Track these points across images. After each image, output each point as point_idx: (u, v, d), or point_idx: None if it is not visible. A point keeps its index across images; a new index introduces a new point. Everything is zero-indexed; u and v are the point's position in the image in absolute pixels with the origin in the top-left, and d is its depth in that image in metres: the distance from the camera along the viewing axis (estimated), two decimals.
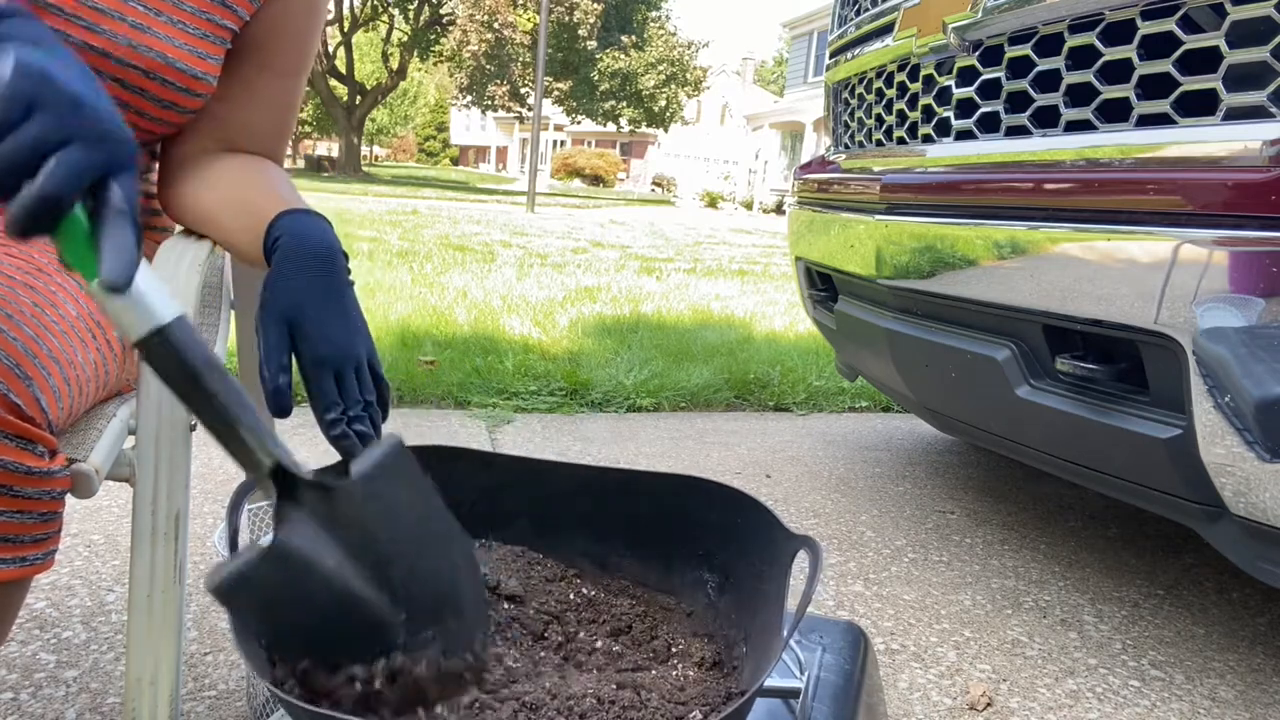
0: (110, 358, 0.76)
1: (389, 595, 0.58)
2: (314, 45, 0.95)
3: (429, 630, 0.59)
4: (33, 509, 0.60)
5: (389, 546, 0.59)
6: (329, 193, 13.02)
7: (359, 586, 0.56)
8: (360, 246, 6.04)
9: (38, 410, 0.60)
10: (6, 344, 0.59)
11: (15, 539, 0.59)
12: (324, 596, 0.55)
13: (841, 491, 2.09)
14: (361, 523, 0.57)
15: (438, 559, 0.63)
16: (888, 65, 1.65)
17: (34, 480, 0.59)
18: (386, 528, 0.59)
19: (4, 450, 0.57)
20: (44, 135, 0.45)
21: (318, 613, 0.55)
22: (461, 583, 0.64)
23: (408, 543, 0.60)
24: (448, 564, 0.64)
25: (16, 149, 0.45)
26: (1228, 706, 1.26)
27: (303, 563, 0.54)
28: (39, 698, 1.06)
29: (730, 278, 6.21)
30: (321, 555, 0.55)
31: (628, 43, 25.68)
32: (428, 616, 0.59)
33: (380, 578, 0.57)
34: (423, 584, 0.60)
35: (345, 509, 0.57)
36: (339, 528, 0.57)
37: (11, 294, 0.65)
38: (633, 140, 40.12)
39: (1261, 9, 0.96)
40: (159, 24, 0.78)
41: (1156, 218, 1.04)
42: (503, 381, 2.73)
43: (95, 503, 1.65)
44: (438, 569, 0.63)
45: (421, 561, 0.61)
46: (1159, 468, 1.13)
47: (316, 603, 0.55)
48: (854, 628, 0.93)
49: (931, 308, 1.48)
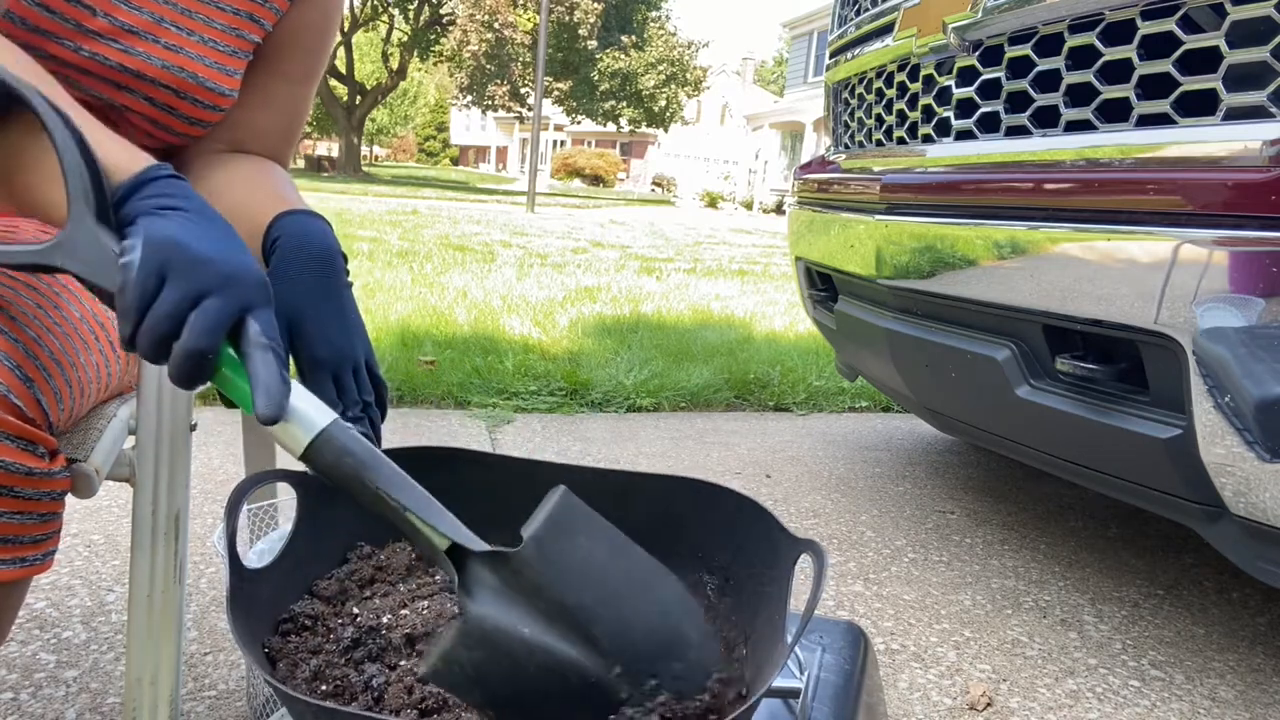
0: (113, 359, 0.76)
1: (597, 651, 0.56)
2: (327, 53, 0.96)
3: (652, 679, 0.57)
4: (32, 510, 0.60)
5: (583, 601, 0.57)
6: (329, 193, 13.02)
7: (562, 649, 0.55)
8: (360, 246, 6.05)
9: (38, 412, 0.60)
10: (8, 345, 0.59)
11: (15, 540, 0.59)
12: (530, 665, 0.54)
13: (841, 491, 2.09)
14: (548, 584, 0.56)
15: (641, 600, 0.61)
16: (888, 65, 1.65)
17: (34, 481, 0.59)
18: (574, 583, 0.57)
19: (4, 451, 0.57)
20: (179, 300, 0.51)
21: (529, 683, 0.55)
22: (675, 618, 0.61)
23: (603, 592, 0.59)
24: (654, 603, 0.61)
25: (157, 321, 0.50)
26: (1228, 706, 1.26)
27: (500, 636, 0.54)
28: (39, 698, 1.06)
29: (730, 278, 6.21)
30: (516, 625, 0.55)
31: (628, 43, 25.68)
32: (646, 663, 0.57)
33: (584, 636, 0.56)
34: (631, 631, 0.58)
35: (528, 575, 0.56)
36: (526, 595, 0.56)
37: (14, 295, 0.65)
38: (633, 140, 40.13)
39: (1261, 9, 0.96)
40: (191, 44, 0.79)
41: (1156, 218, 1.04)
42: (503, 381, 2.73)
43: (95, 503, 1.65)
44: (644, 611, 0.60)
45: (624, 608, 0.59)
46: (1159, 468, 1.13)
47: (526, 672, 0.55)
48: (854, 628, 0.94)
49: (931, 308, 1.48)
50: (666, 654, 0.58)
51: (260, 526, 1.19)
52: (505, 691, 0.54)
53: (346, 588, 0.68)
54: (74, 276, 0.53)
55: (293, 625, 0.63)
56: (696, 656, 0.59)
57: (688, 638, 0.60)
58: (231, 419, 2.13)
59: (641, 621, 0.59)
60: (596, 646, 0.56)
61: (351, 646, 0.61)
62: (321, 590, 0.67)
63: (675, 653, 0.59)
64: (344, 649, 0.61)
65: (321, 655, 0.60)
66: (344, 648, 0.61)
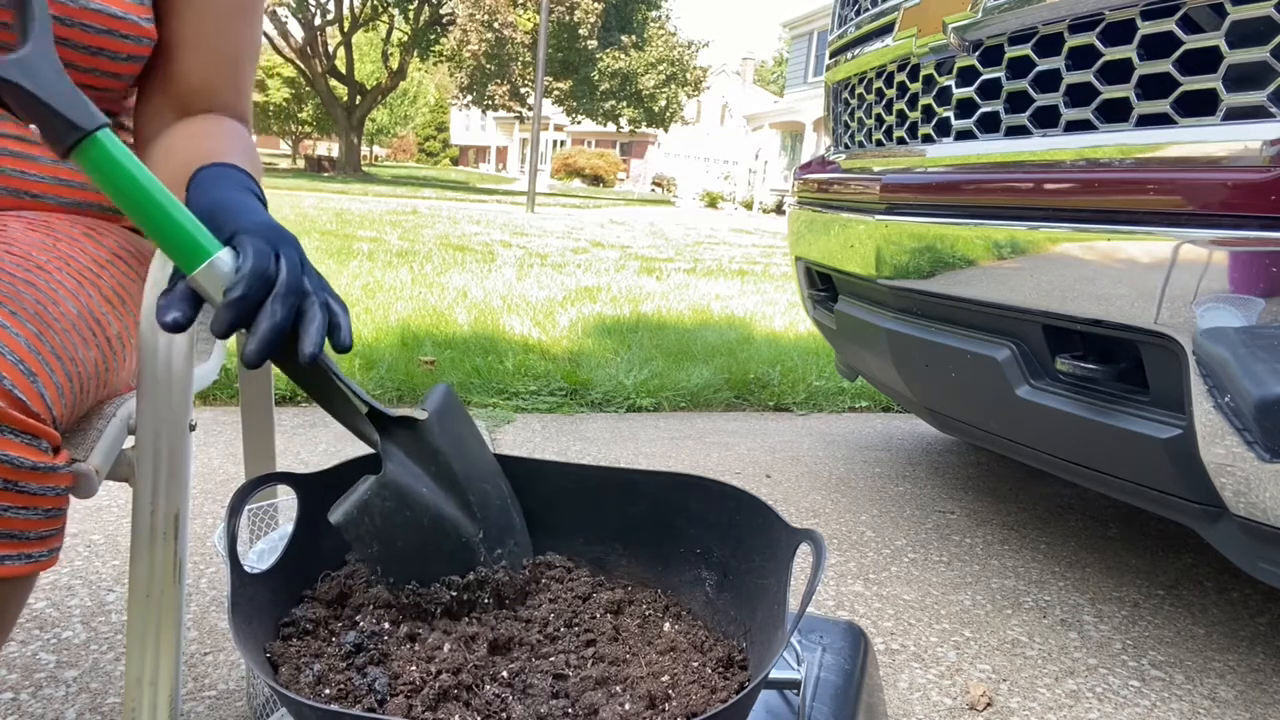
0: (110, 356, 0.76)
1: (470, 517, 0.67)
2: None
3: (498, 548, 0.68)
4: (38, 505, 0.59)
5: (463, 475, 0.68)
6: (329, 193, 13.01)
7: (449, 510, 0.65)
8: (360, 246, 6.04)
9: (42, 405, 0.60)
10: (9, 339, 0.59)
11: (20, 535, 0.59)
12: (424, 518, 0.64)
13: (841, 491, 2.09)
14: (442, 454, 0.67)
15: (495, 486, 0.71)
16: (888, 65, 1.65)
17: (39, 476, 0.59)
18: (458, 458, 0.68)
19: (9, 446, 0.56)
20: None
21: (420, 535, 0.64)
22: (513, 506, 0.73)
23: (474, 471, 0.69)
24: (501, 490, 0.72)
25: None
26: (1228, 706, 1.26)
27: (408, 491, 0.63)
28: (39, 698, 1.06)
29: (730, 278, 6.21)
30: (419, 485, 0.64)
31: (628, 43, 25.67)
32: (498, 535, 0.69)
33: (463, 502, 0.67)
34: (489, 508, 0.69)
35: (428, 442, 0.66)
36: (424, 459, 0.66)
37: (13, 290, 0.64)
38: (633, 140, 40.12)
39: (1261, 9, 0.96)
40: None
41: (1156, 218, 1.04)
42: (503, 381, 2.73)
43: (95, 503, 1.65)
44: (498, 495, 0.71)
45: (486, 488, 0.70)
46: (1159, 468, 1.13)
47: (420, 525, 0.64)
48: (854, 628, 0.94)
49: (931, 308, 1.48)
50: (509, 532, 0.71)
51: (260, 527, 1.19)
52: (398, 543, 0.63)
53: (347, 589, 0.68)
54: (17, 99, 0.54)
55: (294, 629, 0.63)
56: (523, 540, 0.73)
57: (517, 524, 0.73)
58: (231, 419, 2.13)
59: (495, 502, 0.71)
60: (470, 513, 0.67)
61: (354, 651, 0.61)
62: (322, 593, 0.67)
63: (513, 533, 0.72)
64: (346, 653, 0.61)
65: (324, 659, 0.60)
66: (346, 652, 0.61)
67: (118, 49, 0.80)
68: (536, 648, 0.65)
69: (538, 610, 0.69)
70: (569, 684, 0.61)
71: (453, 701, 0.57)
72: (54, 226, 0.78)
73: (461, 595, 0.65)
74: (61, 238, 0.76)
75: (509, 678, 0.60)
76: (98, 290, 0.75)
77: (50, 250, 0.73)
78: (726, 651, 0.66)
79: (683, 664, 0.64)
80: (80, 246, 0.77)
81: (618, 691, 0.60)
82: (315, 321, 0.58)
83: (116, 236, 0.85)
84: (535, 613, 0.69)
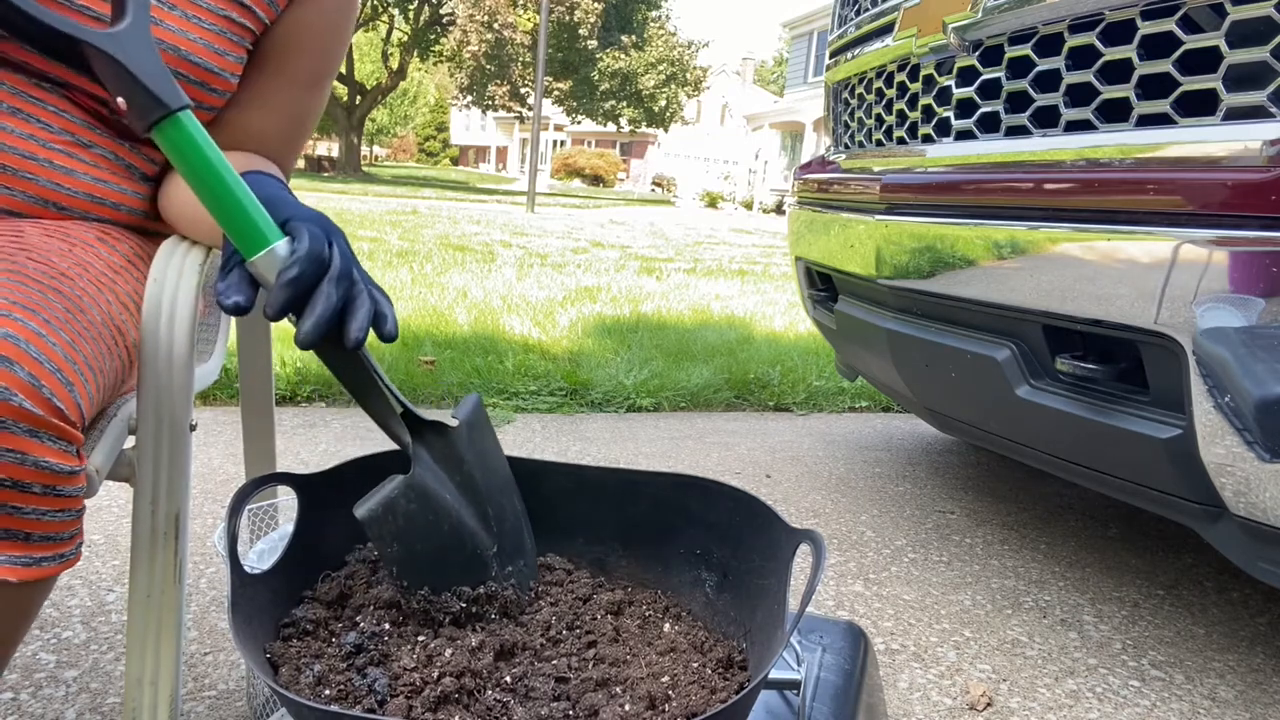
0: (126, 363, 0.76)
1: (486, 529, 0.67)
2: (336, 57, 0.93)
3: (509, 566, 0.68)
4: (70, 506, 0.60)
5: (484, 487, 0.68)
6: (329, 193, 13.02)
7: (469, 519, 0.66)
8: (360, 246, 6.04)
9: (78, 415, 0.61)
10: (47, 349, 0.59)
11: (56, 537, 0.60)
12: (445, 524, 0.64)
13: (841, 491, 2.09)
14: (467, 463, 0.68)
15: (512, 504, 0.72)
16: (888, 65, 1.65)
17: (73, 479, 0.60)
18: (481, 470, 0.69)
19: (50, 453, 0.57)
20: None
21: (439, 539, 0.64)
22: (526, 526, 0.73)
23: (495, 485, 0.70)
24: (517, 510, 0.73)
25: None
26: (1228, 706, 1.26)
27: (433, 495, 0.63)
28: (39, 698, 1.06)
29: (730, 278, 6.21)
30: (443, 490, 0.65)
31: (628, 43, 25.67)
32: (511, 552, 0.69)
33: (482, 513, 0.67)
34: (505, 523, 0.70)
35: (455, 450, 0.67)
36: (450, 467, 0.66)
37: (44, 299, 0.64)
38: (633, 140, 40.12)
39: (1261, 9, 0.96)
40: (173, 18, 0.78)
41: (1156, 218, 1.04)
42: (503, 381, 2.73)
43: (95, 503, 1.65)
44: (513, 513, 0.72)
45: (505, 502, 0.70)
46: (1159, 468, 1.13)
47: (440, 530, 0.64)
48: (854, 628, 0.94)
49: (931, 308, 1.48)
50: (520, 552, 0.71)
51: (260, 526, 1.19)
52: (417, 545, 0.63)
53: (347, 590, 0.68)
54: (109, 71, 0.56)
55: (294, 630, 0.63)
56: (531, 563, 0.73)
57: (528, 545, 0.73)
58: (231, 419, 2.13)
59: (510, 519, 0.71)
60: (487, 526, 0.68)
61: (354, 651, 0.61)
62: (322, 594, 0.67)
63: (524, 552, 0.71)
64: (346, 654, 0.61)
65: (324, 660, 0.60)
66: (346, 653, 0.61)
67: (202, 99, 0.82)
68: (540, 651, 0.65)
69: (539, 614, 0.69)
70: (570, 686, 0.61)
71: (453, 704, 0.57)
72: (69, 232, 0.78)
73: (470, 607, 0.65)
74: (76, 243, 0.77)
75: (511, 682, 0.60)
76: (115, 296, 0.75)
77: (68, 256, 0.74)
78: (726, 652, 0.66)
79: (683, 664, 0.64)
80: (95, 252, 0.78)
81: (618, 693, 0.60)
82: (364, 309, 0.59)
83: (130, 242, 0.85)
84: (537, 616, 0.69)
